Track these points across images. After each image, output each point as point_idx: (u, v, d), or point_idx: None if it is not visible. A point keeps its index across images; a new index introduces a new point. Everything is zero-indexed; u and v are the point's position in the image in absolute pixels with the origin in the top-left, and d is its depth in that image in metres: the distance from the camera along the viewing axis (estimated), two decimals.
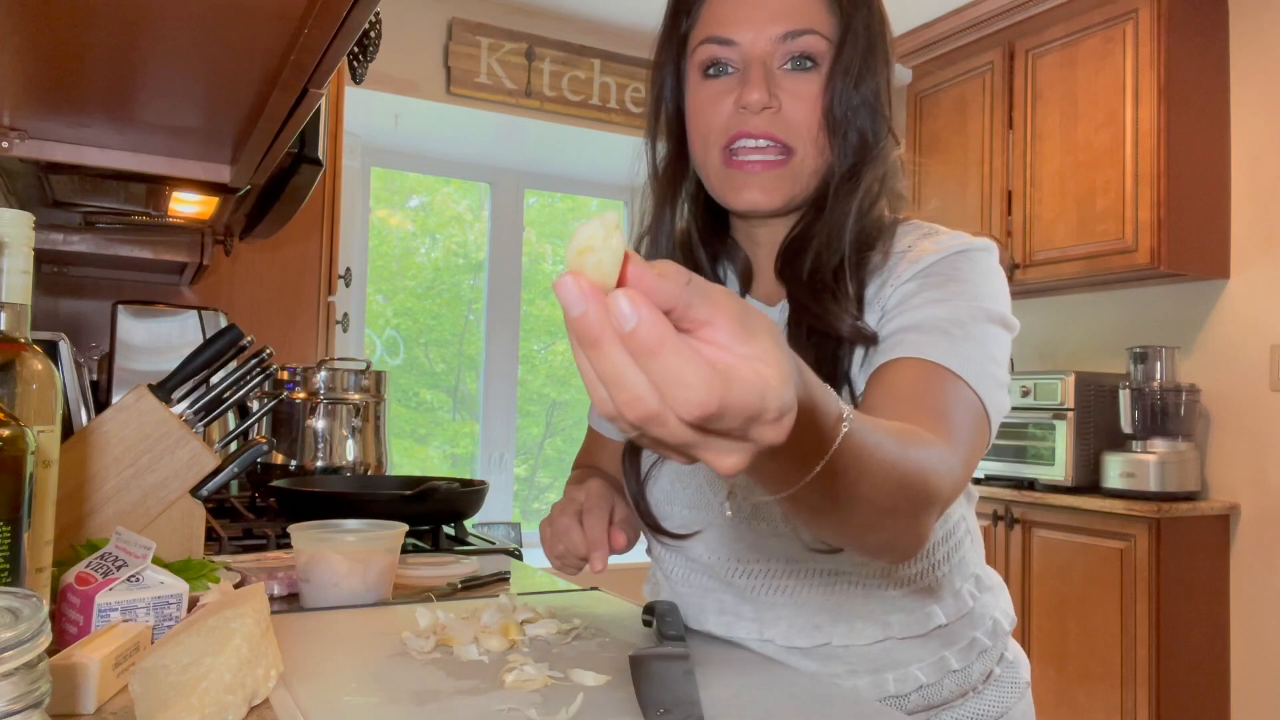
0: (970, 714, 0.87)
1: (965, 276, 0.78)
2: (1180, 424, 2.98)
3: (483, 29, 3.65)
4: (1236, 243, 3.05)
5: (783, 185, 0.82)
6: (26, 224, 0.70)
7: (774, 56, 0.81)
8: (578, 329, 0.37)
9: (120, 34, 0.89)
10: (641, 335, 0.36)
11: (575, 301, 0.37)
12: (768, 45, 0.80)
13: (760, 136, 0.80)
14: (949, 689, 0.86)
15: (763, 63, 0.80)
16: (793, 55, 0.81)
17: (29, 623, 0.39)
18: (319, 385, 1.87)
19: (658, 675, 0.72)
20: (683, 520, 0.88)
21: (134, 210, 1.77)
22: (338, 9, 0.76)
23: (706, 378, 0.36)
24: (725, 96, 0.81)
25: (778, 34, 0.80)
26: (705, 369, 0.37)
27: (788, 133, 0.81)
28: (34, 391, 0.70)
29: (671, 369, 0.36)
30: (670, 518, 0.89)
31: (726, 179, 0.83)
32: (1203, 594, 2.90)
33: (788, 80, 0.81)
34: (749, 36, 0.80)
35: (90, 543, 0.90)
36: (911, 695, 0.85)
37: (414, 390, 4.19)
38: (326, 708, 0.67)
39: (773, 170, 0.81)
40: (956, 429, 0.68)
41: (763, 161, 0.81)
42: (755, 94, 0.79)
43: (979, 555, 0.92)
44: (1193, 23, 3.00)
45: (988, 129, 3.48)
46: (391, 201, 4.17)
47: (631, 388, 0.37)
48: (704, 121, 0.83)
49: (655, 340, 0.36)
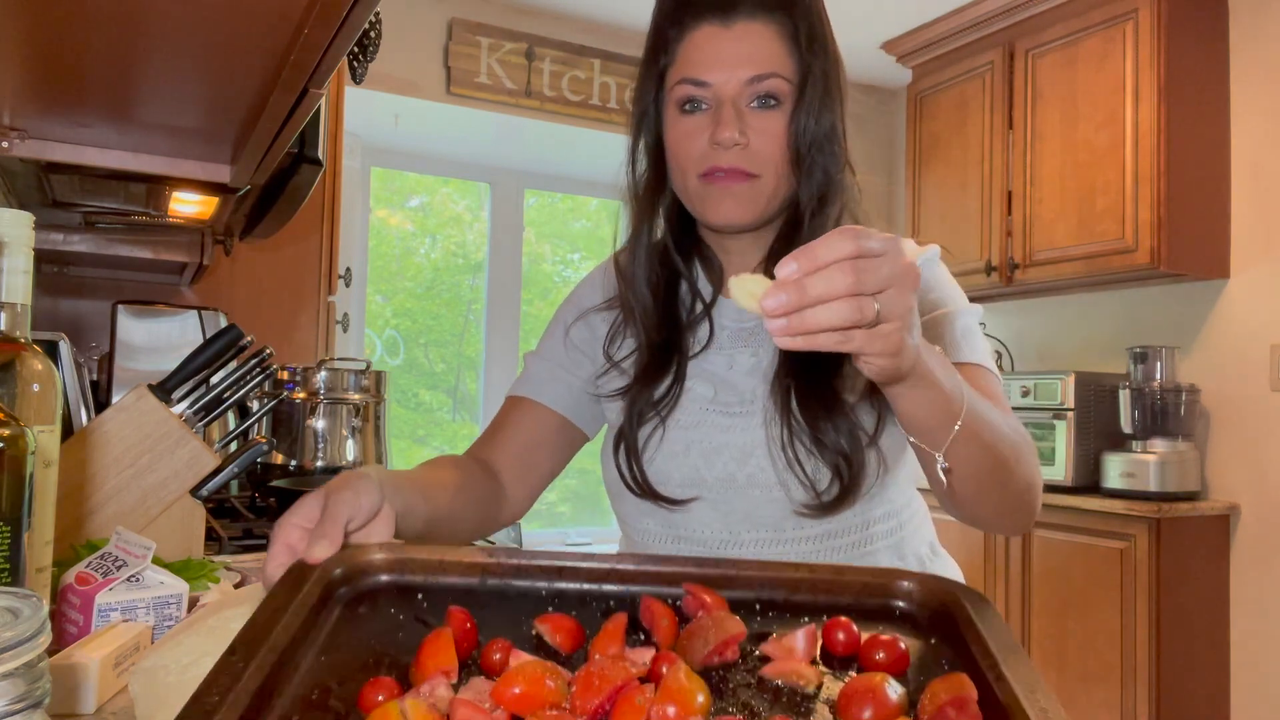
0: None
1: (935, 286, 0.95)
2: (1180, 424, 2.98)
3: (483, 29, 3.65)
4: (1236, 243, 3.05)
5: (753, 201, 0.92)
6: (26, 224, 0.70)
7: (742, 96, 0.91)
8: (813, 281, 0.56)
9: (120, 34, 0.89)
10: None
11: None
12: (737, 87, 0.90)
13: (730, 169, 0.91)
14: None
15: (733, 102, 0.91)
16: (759, 95, 0.91)
17: (29, 623, 0.39)
18: (319, 385, 1.87)
19: None
20: (675, 494, 0.95)
21: (134, 210, 1.77)
22: (338, 9, 0.76)
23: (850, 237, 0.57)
24: (701, 132, 0.92)
25: (746, 77, 0.90)
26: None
27: (754, 164, 0.91)
28: (34, 391, 0.70)
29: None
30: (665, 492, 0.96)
31: (704, 198, 0.93)
32: (1203, 594, 2.90)
33: (754, 118, 0.91)
34: (721, 78, 0.91)
35: (90, 543, 0.90)
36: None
37: (413, 391, 4.19)
38: None
39: (742, 184, 0.92)
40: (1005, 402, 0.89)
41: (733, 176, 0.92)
42: (726, 133, 0.89)
43: (930, 530, 1.06)
44: (1193, 23, 3.00)
45: (988, 129, 3.48)
46: (391, 201, 4.17)
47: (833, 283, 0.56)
48: (683, 152, 0.93)
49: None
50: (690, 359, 0.98)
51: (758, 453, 0.91)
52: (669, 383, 0.96)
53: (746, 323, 0.98)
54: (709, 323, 0.99)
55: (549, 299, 4.46)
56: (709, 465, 0.93)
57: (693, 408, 0.95)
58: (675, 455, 0.94)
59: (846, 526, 0.93)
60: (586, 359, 1.04)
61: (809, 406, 0.89)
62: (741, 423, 0.93)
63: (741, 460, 0.92)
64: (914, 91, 3.84)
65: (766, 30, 0.90)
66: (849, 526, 0.93)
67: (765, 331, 0.93)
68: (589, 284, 1.09)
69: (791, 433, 0.89)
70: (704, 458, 0.93)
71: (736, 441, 0.92)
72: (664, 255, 1.00)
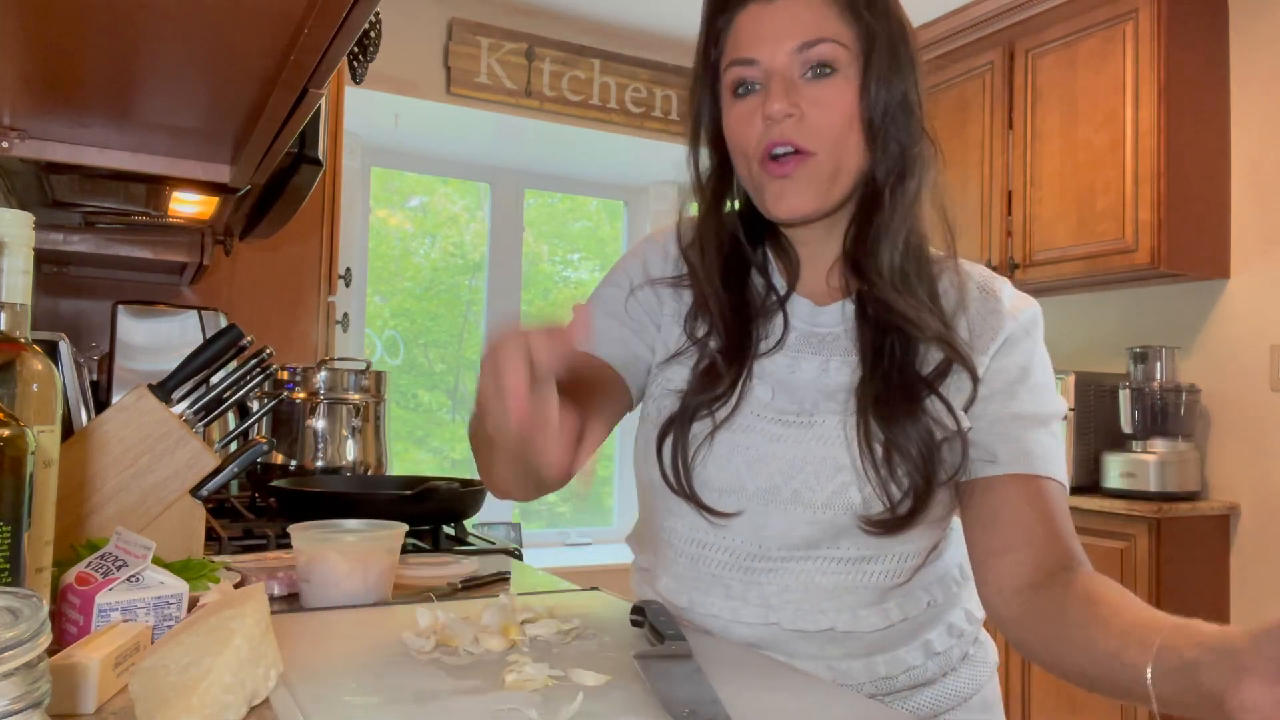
0: (948, 692, 0.94)
1: (1041, 364, 0.89)
2: (1180, 424, 2.98)
3: (483, 29, 3.65)
4: (1236, 243, 3.05)
5: (814, 185, 0.86)
6: (26, 224, 0.70)
7: (793, 67, 0.86)
8: None
9: (120, 34, 0.89)
10: None
11: None
12: (785, 58, 0.85)
13: (783, 144, 0.86)
14: (932, 670, 0.92)
15: (783, 75, 0.86)
16: (811, 64, 0.86)
17: (29, 623, 0.39)
18: (319, 385, 1.87)
19: (671, 675, 0.72)
20: (715, 502, 0.89)
21: (134, 210, 1.77)
22: (338, 9, 0.76)
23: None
24: (755, 113, 0.87)
25: (793, 46, 0.85)
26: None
27: (809, 139, 0.85)
28: (34, 391, 0.70)
29: None
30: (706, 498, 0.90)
31: (764, 189, 0.88)
32: (1203, 594, 2.90)
33: (809, 88, 0.86)
34: (767, 52, 0.86)
35: (90, 543, 0.90)
36: (899, 676, 0.91)
37: (412, 391, 4.19)
38: (326, 708, 0.67)
39: (799, 167, 0.86)
40: (1071, 531, 0.83)
41: (786, 165, 0.86)
42: (776, 105, 0.84)
43: (975, 601, 0.98)
44: (1193, 23, 3.00)
45: (988, 129, 3.48)
46: (391, 202, 4.17)
47: None
48: (740, 138, 0.89)
49: None
50: (757, 358, 0.91)
51: (808, 469, 0.85)
52: (731, 380, 0.89)
53: (820, 327, 0.92)
54: (783, 318, 0.93)
55: (548, 299, 4.46)
56: (752, 474, 0.87)
57: (746, 410, 0.89)
58: (719, 459, 0.88)
59: (895, 553, 0.87)
60: (651, 324, 0.97)
61: (890, 415, 0.83)
62: (795, 434, 0.87)
63: (789, 474, 0.86)
64: None
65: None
66: (898, 554, 0.88)
67: (836, 338, 0.90)
68: (660, 252, 0.99)
69: (870, 442, 0.83)
70: (748, 466, 0.87)
71: (786, 453, 0.86)
72: (734, 245, 0.95)
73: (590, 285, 4.55)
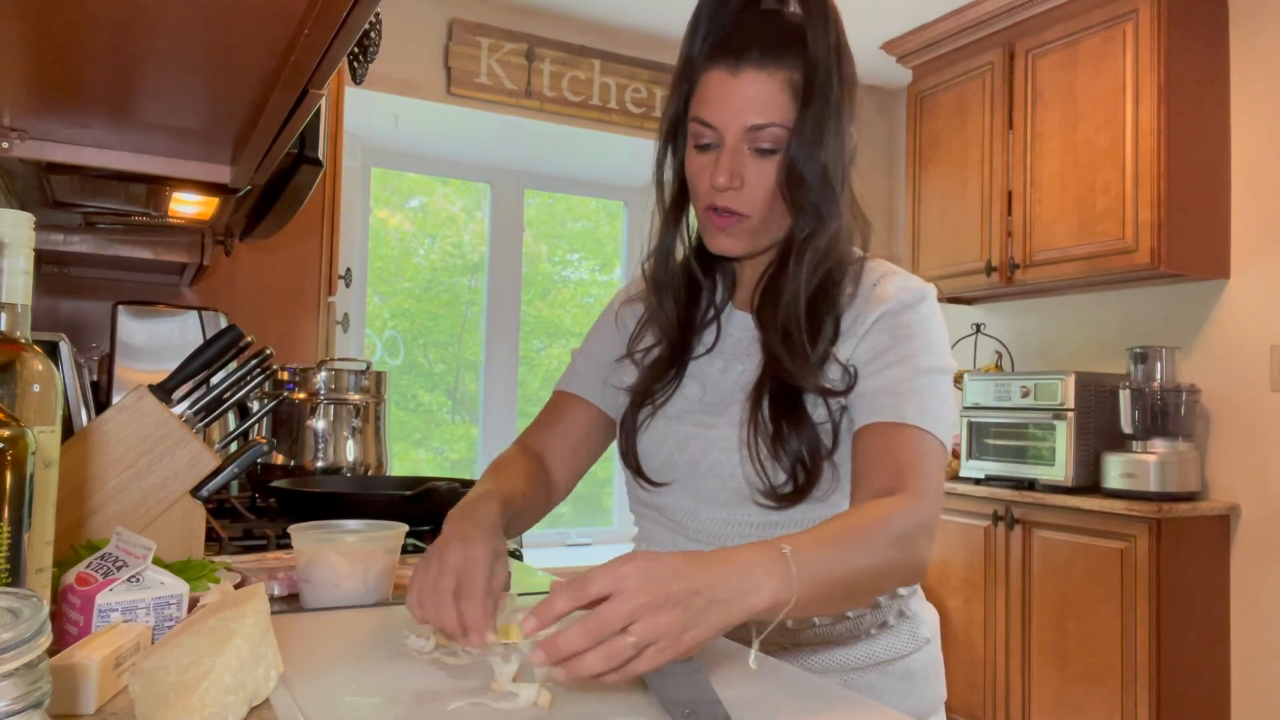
0: (860, 655, 1.04)
1: (917, 331, 1.00)
2: (1180, 424, 2.98)
3: (483, 29, 3.65)
4: (1236, 243, 3.05)
5: (743, 238, 1.03)
6: (26, 224, 0.70)
7: (742, 142, 0.99)
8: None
9: (120, 34, 0.89)
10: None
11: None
12: (739, 133, 0.98)
13: (723, 207, 1.00)
14: (840, 631, 1.04)
15: (733, 147, 0.99)
16: (757, 143, 0.98)
17: (29, 623, 0.39)
18: (319, 386, 1.87)
19: (671, 675, 0.72)
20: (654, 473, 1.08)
21: (134, 210, 1.77)
22: (338, 9, 0.76)
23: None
24: (707, 169, 1.01)
25: (746, 125, 0.98)
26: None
27: (745, 205, 1.00)
28: (34, 392, 0.70)
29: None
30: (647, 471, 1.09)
31: (706, 230, 1.05)
32: (1203, 594, 2.90)
33: (753, 162, 0.99)
34: (724, 121, 0.98)
35: (90, 543, 0.90)
36: (805, 631, 1.03)
37: (412, 392, 4.19)
38: (326, 708, 0.67)
39: (733, 225, 1.02)
40: (927, 473, 0.92)
41: (726, 220, 1.02)
42: (721, 177, 0.98)
43: None
44: (1193, 23, 3.00)
45: (988, 129, 3.48)
46: (391, 202, 4.17)
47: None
48: (694, 184, 1.04)
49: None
50: (693, 359, 1.09)
51: (719, 446, 1.02)
52: (670, 378, 1.08)
53: (748, 333, 1.08)
54: (717, 328, 1.10)
55: (548, 299, 4.46)
56: (680, 452, 1.05)
57: (681, 402, 1.07)
58: (657, 440, 1.07)
59: (794, 521, 1.02)
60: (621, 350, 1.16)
61: (777, 414, 0.99)
62: (712, 420, 1.04)
63: (705, 450, 1.03)
64: (914, 92, 3.84)
65: (772, 81, 0.97)
66: (796, 521, 1.01)
67: (752, 342, 1.06)
68: (623, 297, 1.20)
69: (757, 432, 0.99)
70: (678, 445, 1.05)
71: (705, 435, 1.04)
72: (686, 266, 1.11)
73: (590, 285, 4.58)
